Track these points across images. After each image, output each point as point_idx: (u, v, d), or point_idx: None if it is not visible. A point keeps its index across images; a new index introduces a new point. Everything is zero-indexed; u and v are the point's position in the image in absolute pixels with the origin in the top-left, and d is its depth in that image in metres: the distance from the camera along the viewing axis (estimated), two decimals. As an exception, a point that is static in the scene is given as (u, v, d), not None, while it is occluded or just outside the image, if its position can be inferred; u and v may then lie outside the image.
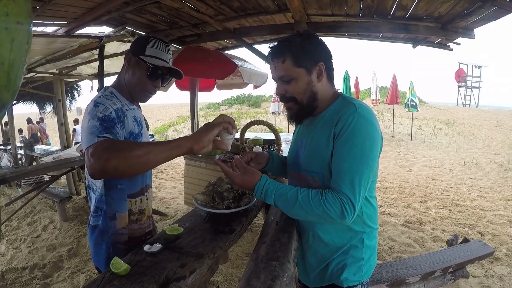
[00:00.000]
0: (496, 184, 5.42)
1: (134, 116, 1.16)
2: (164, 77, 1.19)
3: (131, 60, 1.15)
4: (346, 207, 0.84)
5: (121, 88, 1.17)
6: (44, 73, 4.96)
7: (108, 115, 0.99)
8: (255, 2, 2.70)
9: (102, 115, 0.97)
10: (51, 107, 7.67)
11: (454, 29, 2.64)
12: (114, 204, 1.12)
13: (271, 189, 0.93)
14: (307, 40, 0.95)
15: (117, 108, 1.05)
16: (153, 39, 1.16)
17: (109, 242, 1.13)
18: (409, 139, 10.54)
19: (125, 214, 1.15)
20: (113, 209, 1.12)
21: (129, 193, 1.15)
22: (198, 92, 4.49)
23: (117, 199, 1.13)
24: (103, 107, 1.00)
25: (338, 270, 1.00)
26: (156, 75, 1.15)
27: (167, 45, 1.18)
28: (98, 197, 1.12)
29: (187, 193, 3.24)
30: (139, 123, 1.20)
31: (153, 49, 1.13)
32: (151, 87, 1.17)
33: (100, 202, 1.12)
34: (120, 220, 1.14)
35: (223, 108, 19.60)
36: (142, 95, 1.19)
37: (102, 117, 0.97)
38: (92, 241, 1.16)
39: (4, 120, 7.73)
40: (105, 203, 1.12)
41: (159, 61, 1.13)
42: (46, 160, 4.78)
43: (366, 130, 0.88)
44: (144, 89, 1.17)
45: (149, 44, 1.13)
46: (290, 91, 0.98)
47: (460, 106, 26.33)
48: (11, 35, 0.31)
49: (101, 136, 0.91)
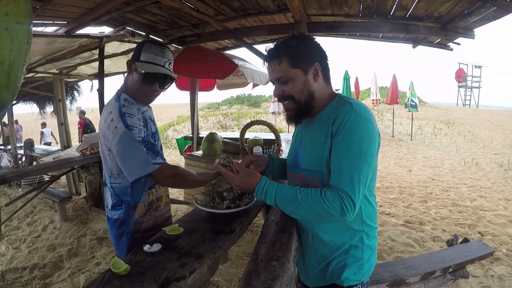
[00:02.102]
0: (496, 184, 5.42)
1: (149, 116, 1.28)
2: (161, 80, 1.22)
3: (131, 66, 1.21)
4: (346, 204, 0.85)
5: (128, 92, 1.23)
6: (44, 73, 4.96)
7: (144, 136, 1.13)
8: (255, 2, 2.70)
9: (141, 138, 1.11)
10: (51, 107, 7.66)
11: (454, 29, 2.65)
12: (138, 195, 1.21)
13: (271, 189, 0.94)
14: (302, 42, 0.98)
15: (139, 117, 1.16)
16: (148, 44, 1.19)
17: (130, 232, 1.20)
18: (409, 139, 10.53)
19: (143, 204, 1.22)
20: (136, 200, 1.20)
21: (149, 185, 1.24)
22: (198, 92, 4.49)
23: (140, 191, 1.21)
24: (138, 130, 1.12)
25: (339, 269, 1.00)
26: (151, 79, 1.19)
27: (162, 48, 1.21)
28: (121, 190, 1.19)
29: (187, 193, 3.24)
30: (154, 122, 1.33)
31: (147, 54, 1.17)
32: (149, 91, 1.22)
33: (125, 194, 1.19)
34: (139, 210, 1.22)
35: (223, 108, 19.59)
36: (144, 99, 1.25)
37: (143, 139, 1.11)
38: (113, 234, 1.23)
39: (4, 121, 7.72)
40: (130, 195, 1.19)
41: (152, 66, 1.16)
42: (46, 160, 4.78)
43: (363, 128, 0.89)
44: (143, 93, 1.22)
45: (144, 50, 1.17)
46: (287, 91, 0.99)
47: (460, 106, 26.32)
48: (11, 35, 0.31)
49: (157, 164, 1.11)
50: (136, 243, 1.17)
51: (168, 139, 11.54)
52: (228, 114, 15.55)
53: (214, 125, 13.50)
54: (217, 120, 14.06)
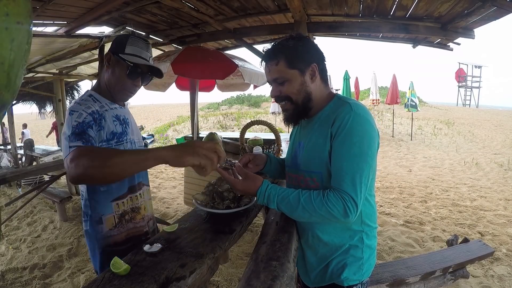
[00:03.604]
0: (496, 184, 5.42)
1: (115, 115, 1.14)
2: (144, 76, 1.18)
3: (111, 59, 1.13)
4: (349, 205, 0.85)
5: (100, 90, 1.16)
6: (44, 73, 4.97)
7: (82, 121, 0.99)
8: (255, 2, 2.70)
9: (76, 123, 0.98)
10: (51, 107, 7.67)
11: (454, 29, 2.65)
12: (99, 207, 1.11)
13: (273, 193, 0.94)
14: (299, 43, 0.97)
15: (92, 111, 1.04)
16: (133, 37, 1.15)
17: (99, 247, 1.12)
18: (409, 139, 10.53)
19: (111, 215, 1.13)
20: (98, 213, 1.11)
21: (114, 196, 1.14)
22: (198, 92, 4.49)
23: (101, 202, 1.11)
24: (77, 114, 1.00)
25: (339, 269, 1.00)
26: (136, 73, 1.14)
27: (147, 43, 1.17)
28: (84, 202, 1.12)
29: (187, 193, 3.24)
30: (123, 121, 1.17)
31: (132, 47, 1.12)
32: (131, 85, 1.16)
33: (86, 207, 1.11)
34: (107, 223, 1.12)
35: (223, 108, 19.60)
36: (122, 94, 1.17)
37: (76, 125, 0.98)
38: (88, 246, 1.17)
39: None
40: (90, 208, 1.11)
41: (138, 59, 1.12)
42: (46, 160, 4.78)
43: (363, 128, 0.89)
44: (123, 88, 1.15)
45: (129, 42, 1.12)
46: (285, 91, 0.99)
47: (460, 106, 26.33)
48: (11, 35, 0.31)
49: (73, 146, 0.92)
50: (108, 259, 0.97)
51: (168, 139, 11.54)
52: (228, 114, 15.55)
53: (214, 125, 13.51)
54: (217, 120, 14.07)
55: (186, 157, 0.77)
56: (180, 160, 0.77)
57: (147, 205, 1.29)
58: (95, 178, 0.82)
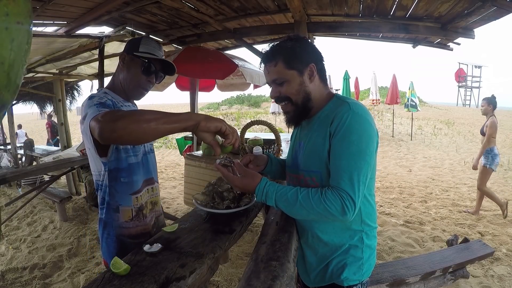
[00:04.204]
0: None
1: None
2: (158, 73, 1.23)
3: (125, 58, 1.19)
4: (347, 203, 0.85)
5: (115, 88, 1.21)
6: (44, 73, 4.97)
7: (104, 102, 1.04)
8: (255, 2, 2.70)
9: (98, 102, 1.01)
10: (51, 107, 7.67)
11: (454, 29, 2.65)
12: (117, 196, 1.14)
13: (271, 190, 0.94)
14: (297, 43, 0.98)
15: (111, 102, 1.10)
16: (146, 38, 1.21)
17: (114, 235, 1.15)
18: (409, 139, 10.53)
19: (129, 208, 1.16)
20: (116, 201, 1.14)
21: (134, 189, 1.18)
22: (198, 92, 4.49)
23: (121, 192, 1.14)
24: (98, 97, 1.05)
25: (338, 269, 1.01)
26: (150, 70, 1.19)
27: (159, 44, 1.24)
28: (103, 189, 1.15)
29: (187, 193, 3.24)
30: None
31: (146, 46, 1.18)
32: (146, 82, 1.21)
33: (105, 193, 1.15)
34: (123, 214, 1.15)
35: (223, 108, 19.60)
36: (137, 92, 1.22)
37: (100, 102, 1.01)
38: (100, 235, 1.18)
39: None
40: (109, 195, 1.14)
41: (152, 56, 1.18)
42: (46, 160, 4.78)
43: (361, 127, 0.89)
44: (138, 85, 1.20)
45: (142, 42, 1.19)
46: (284, 92, 1.00)
47: (460, 106, 26.34)
48: (11, 35, 0.31)
49: (102, 110, 0.91)
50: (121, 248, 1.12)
51: (168, 139, 11.53)
52: (228, 114, 15.56)
53: (214, 125, 13.48)
54: (217, 120, 14.05)
55: (215, 122, 0.84)
56: (209, 124, 0.83)
57: (159, 201, 1.34)
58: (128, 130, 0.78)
